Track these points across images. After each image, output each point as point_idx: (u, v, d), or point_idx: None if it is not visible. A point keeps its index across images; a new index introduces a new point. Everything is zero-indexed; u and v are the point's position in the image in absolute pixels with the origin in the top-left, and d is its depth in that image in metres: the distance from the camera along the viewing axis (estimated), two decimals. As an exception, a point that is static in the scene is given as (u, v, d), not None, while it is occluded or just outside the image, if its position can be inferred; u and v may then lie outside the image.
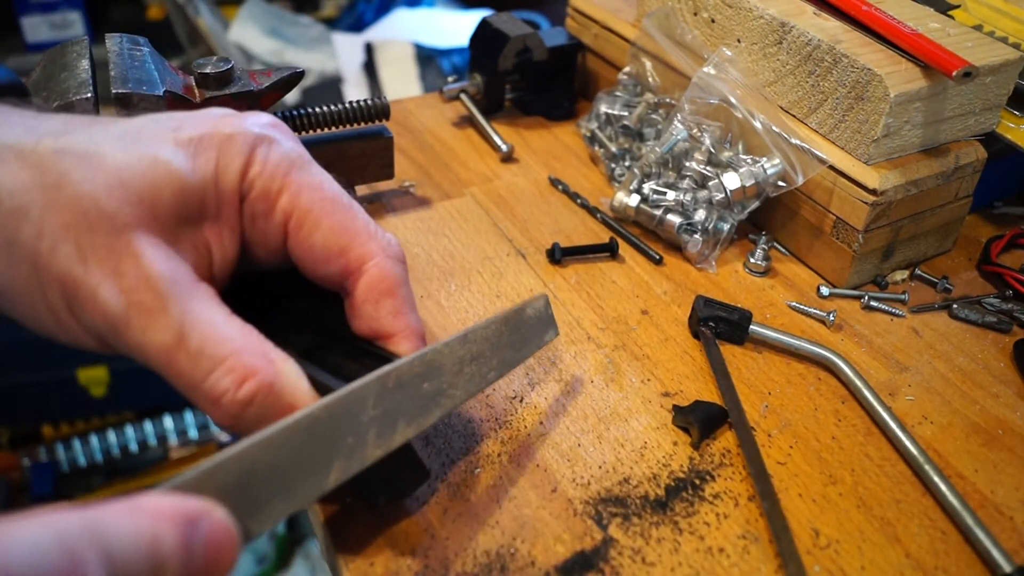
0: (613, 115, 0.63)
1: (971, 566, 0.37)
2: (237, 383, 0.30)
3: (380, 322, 0.36)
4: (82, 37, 0.46)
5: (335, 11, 1.83)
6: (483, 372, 0.37)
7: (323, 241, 0.35)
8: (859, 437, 0.43)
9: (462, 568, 0.35)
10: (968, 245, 0.59)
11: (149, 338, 0.30)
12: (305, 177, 0.35)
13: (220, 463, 0.26)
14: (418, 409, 0.33)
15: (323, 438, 0.30)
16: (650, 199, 0.56)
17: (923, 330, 0.51)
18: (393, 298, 0.36)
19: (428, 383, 0.34)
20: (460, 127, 0.70)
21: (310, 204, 0.35)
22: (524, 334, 0.40)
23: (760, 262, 0.54)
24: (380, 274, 0.35)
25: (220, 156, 0.33)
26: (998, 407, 0.46)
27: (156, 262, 0.30)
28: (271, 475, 0.28)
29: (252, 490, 0.27)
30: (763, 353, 0.48)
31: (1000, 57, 0.51)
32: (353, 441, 0.31)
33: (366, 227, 0.36)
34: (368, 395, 0.31)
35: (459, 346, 0.36)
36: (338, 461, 0.30)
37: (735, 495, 0.39)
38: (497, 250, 0.55)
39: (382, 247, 0.36)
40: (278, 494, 0.28)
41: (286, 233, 0.35)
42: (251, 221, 0.35)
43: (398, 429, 0.32)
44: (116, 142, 0.31)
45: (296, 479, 0.29)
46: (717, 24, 0.58)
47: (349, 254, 0.35)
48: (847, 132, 0.51)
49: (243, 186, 0.34)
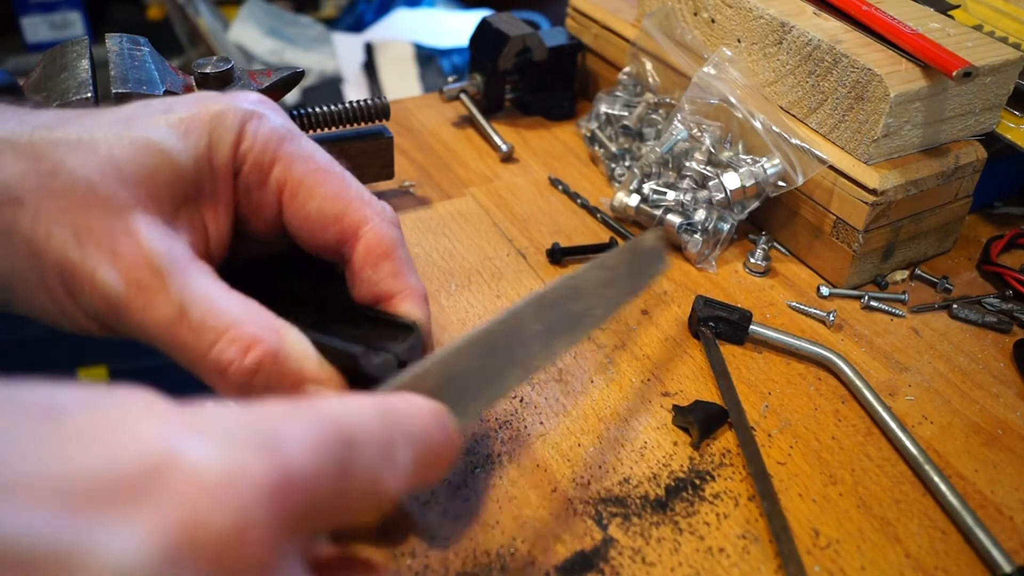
0: (613, 115, 0.63)
1: (971, 566, 0.37)
2: (242, 351, 0.30)
3: (380, 285, 0.36)
4: (82, 37, 0.46)
5: (335, 11, 1.83)
6: (616, 296, 0.42)
7: (318, 209, 0.35)
8: (859, 437, 0.43)
9: (462, 568, 0.35)
10: (968, 245, 0.59)
11: (150, 316, 0.30)
12: (296, 148, 0.35)
13: (425, 369, 0.31)
14: (569, 326, 0.38)
15: (500, 348, 0.34)
16: (650, 199, 0.56)
17: (923, 330, 0.51)
18: (391, 260, 0.36)
19: (574, 304, 0.39)
20: (460, 127, 0.70)
21: (303, 174, 0.35)
22: (643, 263, 0.45)
23: (760, 262, 0.54)
24: (376, 238, 0.36)
25: (211, 133, 0.33)
26: (998, 407, 0.46)
27: (153, 241, 0.30)
28: (464, 379, 0.32)
29: (451, 391, 0.31)
30: (763, 353, 0.48)
31: (1000, 57, 0.51)
32: (523, 352, 0.35)
33: (359, 194, 0.36)
34: (527, 314, 0.36)
35: (596, 272, 0.40)
36: (514, 368, 0.35)
37: (735, 495, 0.39)
38: (497, 250, 0.55)
39: (377, 212, 0.36)
40: (470, 396, 0.33)
41: (281, 204, 0.35)
42: (246, 194, 0.35)
43: (555, 343, 0.37)
44: (108, 128, 0.32)
45: (482, 383, 0.33)
46: (717, 24, 0.58)
47: (344, 220, 0.35)
48: (847, 132, 0.51)
49: (236, 161, 0.34)
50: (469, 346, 0.33)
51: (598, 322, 0.41)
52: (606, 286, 0.42)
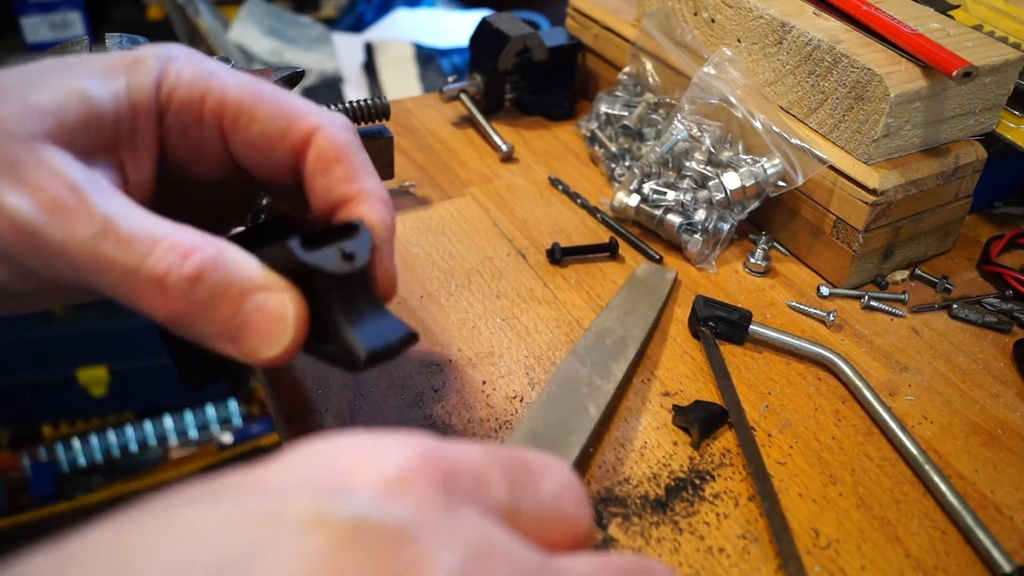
0: (613, 115, 0.63)
1: (971, 566, 0.37)
2: (182, 257, 0.28)
3: (333, 191, 0.33)
4: (82, 37, 0.46)
5: (335, 11, 1.83)
6: (642, 315, 0.48)
7: (262, 130, 0.33)
8: (859, 437, 0.43)
9: (462, 568, 0.35)
10: (968, 245, 0.59)
11: (70, 236, 0.28)
12: (229, 79, 0.33)
13: (526, 431, 0.39)
14: (615, 353, 0.45)
15: (568, 392, 0.41)
16: (650, 199, 0.56)
17: (923, 330, 0.51)
18: (344, 164, 0.33)
19: (608, 338, 0.46)
20: (460, 127, 0.70)
21: (239, 99, 0.33)
22: (648, 287, 0.51)
23: (760, 262, 0.54)
24: (327, 142, 0.33)
25: (130, 75, 0.32)
26: (998, 407, 0.46)
27: (68, 167, 0.29)
28: (553, 427, 0.39)
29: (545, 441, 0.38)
30: (763, 353, 0.48)
31: (1000, 57, 0.51)
32: (587, 390, 0.42)
33: (305, 105, 0.34)
34: (572, 363, 0.43)
35: (609, 312, 0.48)
36: (588, 401, 0.41)
37: (735, 495, 0.39)
38: (497, 250, 0.55)
39: (326, 119, 0.34)
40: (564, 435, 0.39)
41: (223, 136, 0.34)
42: (182, 135, 0.33)
43: (611, 368, 0.44)
44: (24, 75, 0.30)
45: (568, 424, 0.40)
46: (717, 24, 0.58)
47: (292, 134, 0.33)
48: (847, 132, 0.51)
49: (160, 101, 0.32)
50: (545, 401, 0.41)
51: (641, 336, 0.46)
52: (627, 314, 0.48)
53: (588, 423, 0.40)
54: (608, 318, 0.47)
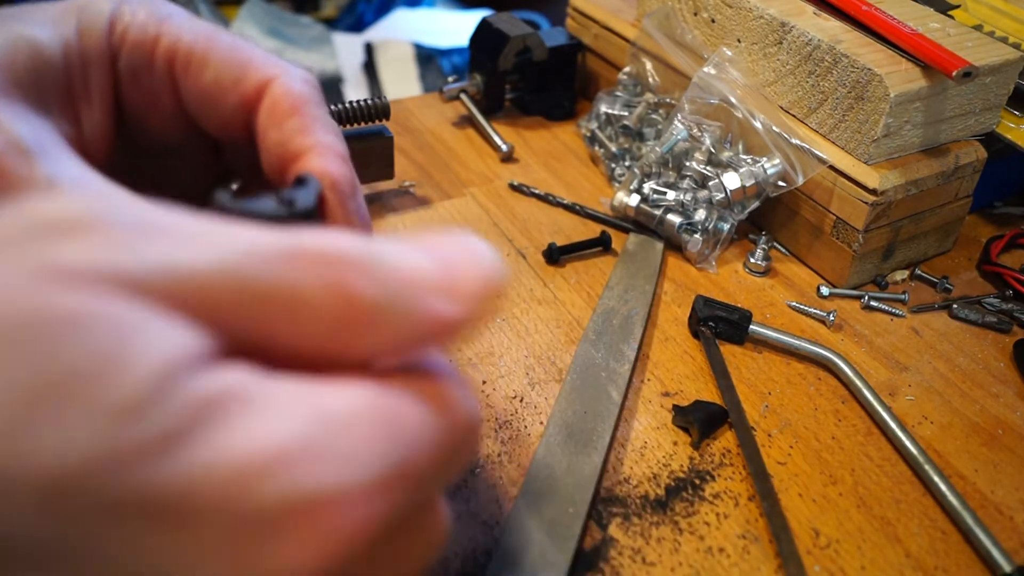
0: (613, 115, 0.63)
1: (971, 566, 0.37)
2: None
3: (286, 145, 0.31)
4: None
5: (335, 11, 1.83)
6: (641, 292, 0.50)
7: (215, 77, 0.31)
8: (859, 437, 0.43)
9: (462, 568, 0.35)
10: (968, 245, 0.59)
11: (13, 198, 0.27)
12: (184, 22, 0.32)
13: (559, 422, 0.41)
14: (626, 330, 0.47)
15: (589, 380, 0.44)
16: (650, 199, 0.56)
17: (923, 330, 0.51)
18: (299, 116, 0.31)
19: (614, 319, 0.47)
20: (460, 127, 0.70)
21: (192, 43, 0.31)
22: (641, 259, 0.53)
23: (760, 262, 0.54)
24: (282, 92, 0.31)
25: (80, 19, 0.31)
26: (998, 407, 0.46)
27: (15, 123, 0.27)
28: (581, 418, 0.42)
29: (576, 431, 0.41)
30: (763, 353, 0.48)
31: (1000, 57, 0.51)
32: (605, 375, 0.44)
33: (263, 54, 0.32)
34: (587, 350, 0.46)
35: (609, 292, 0.50)
36: (610, 386, 0.43)
37: (735, 495, 0.39)
38: (497, 250, 0.55)
39: (283, 69, 0.32)
40: (593, 422, 0.41)
41: (175, 83, 0.32)
42: (132, 79, 0.32)
43: (624, 347, 0.46)
44: None
45: (596, 411, 0.42)
46: (717, 24, 0.58)
47: (246, 81, 0.31)
48: (847, 132, 0.51)
49: (112, 42, 0.31)
50: (567, 395, 0.43)
51: (644, 312, 0.49)
52: (627, 291, 0.49)
53: (613, 408, 0.42)
54: (611, 297, 0.50)
